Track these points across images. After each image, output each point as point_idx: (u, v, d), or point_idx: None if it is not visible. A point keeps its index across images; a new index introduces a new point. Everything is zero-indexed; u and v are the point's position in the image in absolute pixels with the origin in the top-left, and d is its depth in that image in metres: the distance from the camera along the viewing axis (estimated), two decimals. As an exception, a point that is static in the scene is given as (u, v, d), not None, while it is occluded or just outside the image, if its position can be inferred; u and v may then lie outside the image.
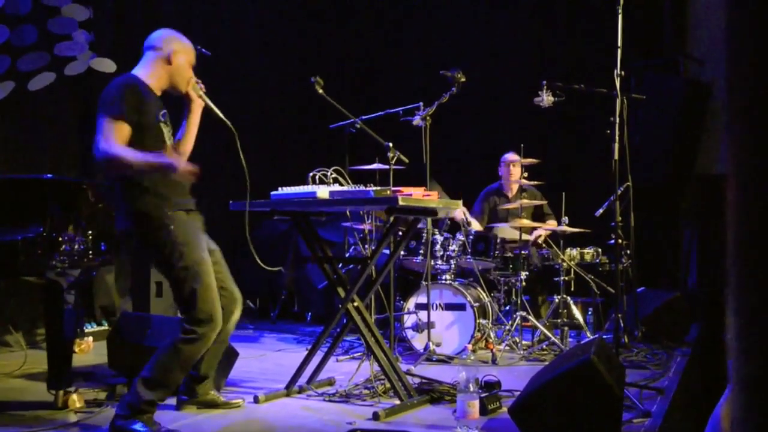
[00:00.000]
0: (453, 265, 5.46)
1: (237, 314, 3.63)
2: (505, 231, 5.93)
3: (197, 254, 3.29)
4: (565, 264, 5.53)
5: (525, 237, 5.75)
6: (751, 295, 0.72)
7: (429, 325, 5.06)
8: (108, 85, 3.39)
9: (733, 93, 0.75)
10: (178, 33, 3.61)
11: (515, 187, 6.27)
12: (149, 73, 3.48)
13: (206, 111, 3.60)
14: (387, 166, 4.49)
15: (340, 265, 4.43)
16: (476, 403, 3.38)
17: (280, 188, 3.87)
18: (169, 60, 3.48)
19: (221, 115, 3.52)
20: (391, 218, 3.99)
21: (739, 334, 0.72)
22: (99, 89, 6.23)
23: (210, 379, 3.72)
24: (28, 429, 3.29)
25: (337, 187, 3.84)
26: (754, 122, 0.74)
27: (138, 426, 3.15)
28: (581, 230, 5.56)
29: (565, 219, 5.54)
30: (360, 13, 9.12)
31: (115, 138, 3.22)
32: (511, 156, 6.25)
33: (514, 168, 6.20)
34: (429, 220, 5.14)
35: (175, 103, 3.65)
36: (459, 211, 5.57)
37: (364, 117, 4.83)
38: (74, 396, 3.64)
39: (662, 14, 7.37)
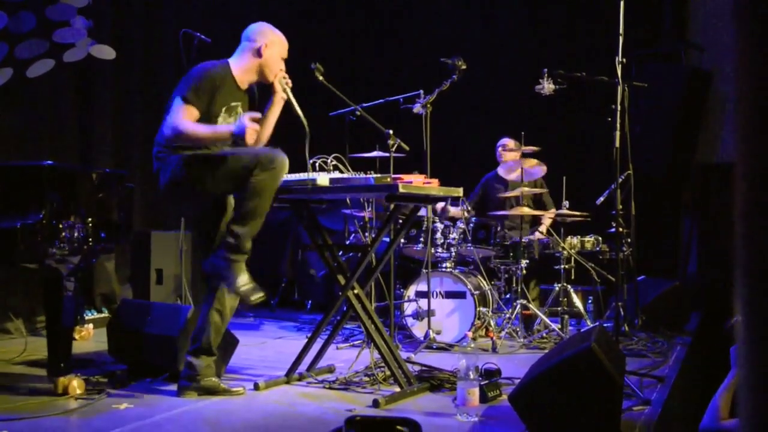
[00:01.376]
0: (453, 253, 5.45)
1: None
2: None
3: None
4: (565, 252, 5.53)
5: (527, 219, 5.72)
6: (759, 282, 0.71)
7: (429, 312, 5.07)
8: (198, 64, 3.65)
9: (742, 81, 0.74)
10: (272, 27, 3.80)
11: (513, 174, 6.25)
12: (240, 64, 3.72)
13: (286, 106, 3.82)
14: (387, 154, 4.48)
15: (341, 253, 4.42)
16: (476, 390, 3.38)
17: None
18: (260, 52, 3.69)
19: (300, 112, 3.74)
20: (392, 206, 3.98)
21: (747, 322, 0.71)
22: (98, 76, 6.29)
23: (211, 362, 3.71)
24: (29, 416, 3.30)
25: (337, 175, 3.83)
26: (763, 111, 0.74)
27: (232, 273, 3.47)
28: (580, 214, 5.55)
29: (566, 203, 5.53)
30: (360, 0, 9.08)
31: (183, 117, 3.45)
32: (504, 140, 6.25)
33: (504, 152, 6.20)
34: (429, 207, 5.13)
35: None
36: (440, 205, 5.56)
37: (364, 104, 4.82)
38: (74, 383, 3.64)
39: (663, 2, 7.33)
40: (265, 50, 3.69)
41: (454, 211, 5.63)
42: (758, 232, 0.73)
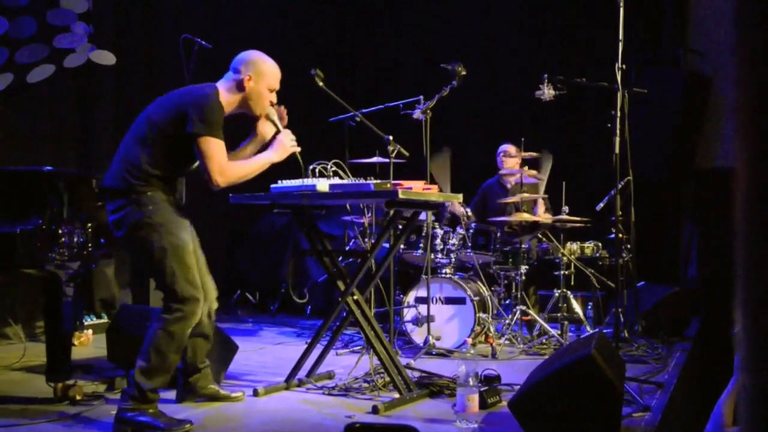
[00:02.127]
0: (453, 259, 5.45)
1: (214, 307, 3.63)
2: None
3: (179, 237, 3.30)
4: (565, 258, 5.53)
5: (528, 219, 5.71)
6: (760, 287, 0.71)
7: (429, 318, 5.06)
8: (199, 94, 3.36)
9: (743, 88, 0.74)
10: (263, 56, 3.57)
11: (513, 180, 6.26)
12: (224, 95, 3.42)
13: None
14: (387, 160, 4.48)
15: (340, 259, 4.42)
16: (476, 396, 3.37)
17: (279, 181, 3.86)
18: (243, 85, 3.45)
19: (299, 157, 3.65)
20: (391, 212, 3.98)
21: (747, 328, 0.71)
22: (98, 81, 6.28)
23: (208, 371, 3.71)
24: (27, 421, 3.29)
25: (337, 180, 3.83)
26: (764, 118, 0.74)
27: (145, 418, 3.17)
28: (580, 219, 5.55)
29: (565, 208, 5.52)
30: (360, 6, 9.10)
31: (223, 157, 3.28)
32: (504, 147, 6.25)
33: (505, 158, 6.20)
34: (429, 213, 5.13)
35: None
36: (459, 206, 5.56)
37: (364, 110, 4.82)
38: (73, 388, 3.63)
39: (663, 7, 7.34)
40: (248, 83, 3.43)
41: (457, 207, 5.61)
42: (759, 239, 0.73)
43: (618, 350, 4.07)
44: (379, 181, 3.72)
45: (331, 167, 3.89)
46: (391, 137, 4.33)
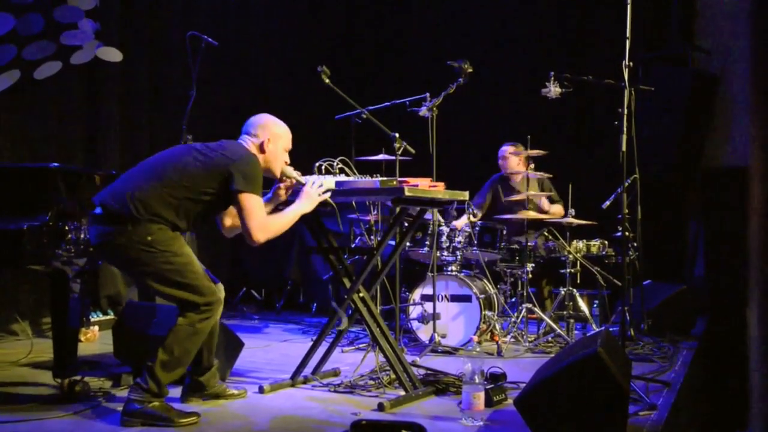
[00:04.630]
0: (459, 257, 5.45)
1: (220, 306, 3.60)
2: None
3: (185, 256, 3.36)
4: (571, 256, 5.51)
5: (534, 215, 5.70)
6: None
7: (434, 316, 5.06)
8: (245, 157, 3.44)
9: (759, 85, 0.74)
10: (275, 118, 3.67)
11: (519, 177, 6.25)
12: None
13: None
14: (393, 157, 4.47)
15: (346, 256, 4.42)
16: (481, 394, 3.37)
17: (285, 178, 3.85)
18: (263, 148, 3.55)
19: (333, 204, 3.73)
20: (397, 209, 3.98)
21: (761, 321, 0.70)
22: (105, 78, 6.29)
23: (215, 370, 3.72)
24: (34, 417, 3.30)
25: (343, 178, 3.83)
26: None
27: (154, 411, 3.22)
28: (587, 222, 5.54)
29: (572, 211, 5.51)
30: (367, 2, 9.09)
31: (263, 215, 3.41)
32: (505, 148, 6.22)
33: (507, 160, 6.19)
34: (435, 211, 5.12)
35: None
36: (461, 221, 5.55)
37: (370, 107, 4.81)
38: (80, 384, 3.64)
39: (670, 5, 7.32)
40: (268, 145, 3.55)
41: (458, 223, 5.60)
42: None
43: (624, 348, 4.06)
44: (385, 178, 3.72)
45: (338, 164, 3.89)
46: (397, 134, 4.32)
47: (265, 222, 3.39)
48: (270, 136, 3.57)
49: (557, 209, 6.03)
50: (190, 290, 3.31)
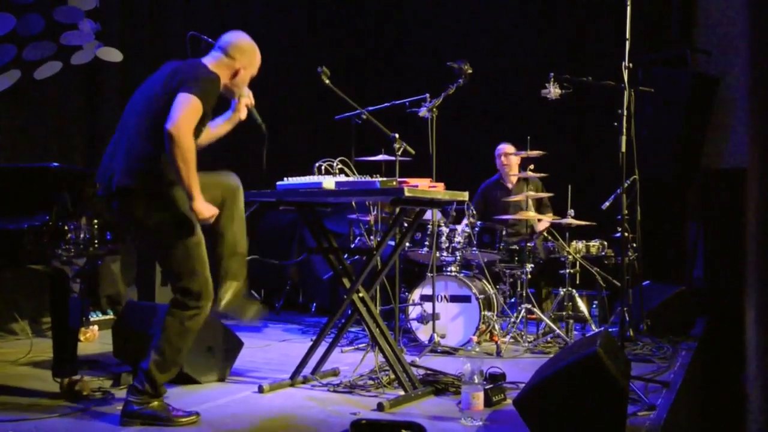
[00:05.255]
0: (458, 257, 5.45)
1: (240, 195, 3.53)
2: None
3: (197, 234, 3.28)
4: (570, 257, 5.52)
5: (532, 224, 5.70)
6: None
7: (434, 316, 5.06)
8: (192, 64, 3.31)
9: (757, 87, 0.74)
10: (252, 42, 3.50)
11: (515, 179, 6.26)
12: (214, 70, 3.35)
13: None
14: (393, 158, 4.48)
15: (346, 256, 4.42)
16: (481, 394, 3.37)
17: (285, 178, 3.86)
18: (237, 73, 3.41)
19: (260, 119, 3.60)
20: (397, 209, 3.98)
21: (758, 323, 0.71)
22: (105, 78, 6.30)
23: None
24: (34, 416, 3.31)
25: (343, 178, 3.83)
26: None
27: (153, 411, 3.21)
28: (586, 223, 5.54)
29: (571, 212, 5.52)
30: (367, 3, 9.09)
31: (191, 120, 3.10)
32: (504, 147, 6.24)
33: (507, 159, 6.20)
34: (434, 211, 5.13)
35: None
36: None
37: (370, 108, 4.82)
38: (79, 384, 3.65)
39: (670, 6, 7.33)
40: (242, 72, 3.41)
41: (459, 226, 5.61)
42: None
43: (623, 349, 4.06)
44: (385, 178, 3.73)
45: (337, 165, 3.90)
46: (397, 135, 4.32)
47: (186, 131, 3.05)
48: (246, 64, 3.42)
49: (548, 217, 6.03)
50: (191, 277, 3.25)
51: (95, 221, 3.74)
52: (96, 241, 3.74)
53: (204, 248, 3.32)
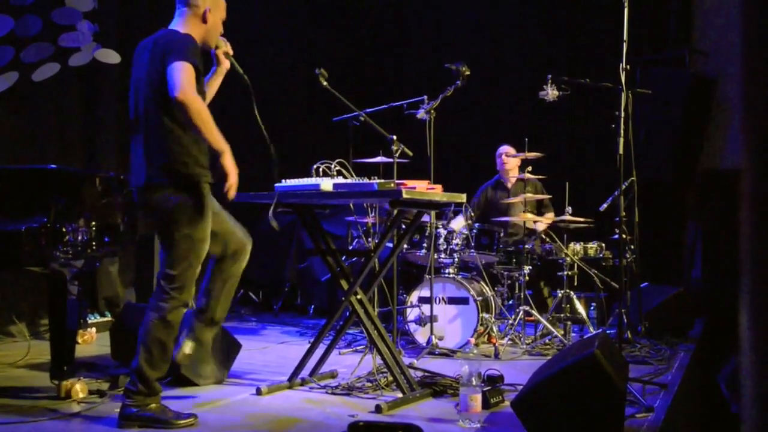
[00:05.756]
0: (456, 259, 5.45)
1: (246, 256, 3.59)
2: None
3: (205, 232, 3.31)
4: (568, 259, 5.52)
5: (529, 226, 5.70)
6: (765, 287, 0.70)
7: (432, 318, 5.06)
8: (164, 36, 3.35)
9: (749, 88, 0.74)
10: None
11: (514, 180, 6.27)
12: (187, 32, 3.39)
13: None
14: (391, 159, 4.48)
15: (344, 258, 4.42)
16: (479, 396, 3.37)
17: (283, 180, 3.86)
18: (205, 18, 3.43)
19: (243, 73, 3.60)
20: (395, 211, 3.98)
21: (752, 329, 0.71)
22: (103, 80, 6.29)
23: (215, 328, 3.62)
24: (31, 419, 3.30)
25: (340, 180, 3.83)
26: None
27: (150, 413, 3.21)
28: (583, 220, 5.54)
29: (569, 209, 5.52)
30: (364, 5, 9.10)
31: (191, 81, 3.14)
32: (505, 148, 6.25)
33: (507, 159, 6.22)
34: (433, 213, 5.13)
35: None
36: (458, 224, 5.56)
37: (368, 110, 4.82)
38: (77, 386, 3.65)
39: (668, 7, 7.33)
40: (209, 15, 3.42)
41: (455, 225, 5.61)
42: (763, 241, 0.73)
43: (621, 351, 4.06)
44: (382, 180, 3.73)
45: (335, 167, 3.90)
46: (395, 137, 4.33)
47: (192, 92, 3.11)
48: (210, 5, 3.43)
49: (548, 217, 6.04)
50: (183, 266, 3.27)
51: (93, 223, 3.73)
52: (94, 243, 3.74)
53: (206, 247, 3.34)
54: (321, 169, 3.88)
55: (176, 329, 3.33)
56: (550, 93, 5.22)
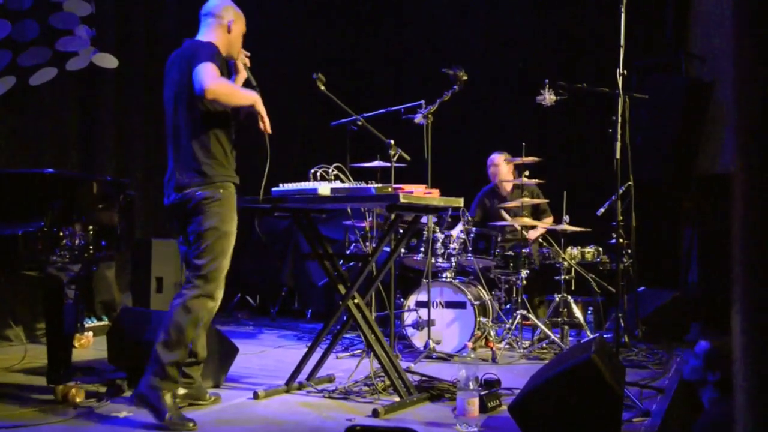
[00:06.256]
0: (454, 263, 5.45)
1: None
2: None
3: (231, 226, 3.51)
4: (565, 263, 5.53)
5: (525, 234, 5.72)
6: (757, 292, 0.71)
7: (429, 322, 5.06)
8: (191, 47, 3.52)
9: (741, 94, 0.75)
10: (233, 1, 3.73)
11: (509, 186, 6.28)
12: (212, 40, 3.56)
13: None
14: (388, 164, 4.48)
15: (341, 262, 4.42)
16: (476, 400, 3.37)
17: (281, 184, 3.87)
18: (229, 29, 3.61)
19: (255, 82, 3.75)
20: (392, 216, 3.99)
21: (744, 332, 0.71)
22: (100, 84, 6.29)
23: (201, 366, 3.72)
24: (28, 423, 3.29)
25: (338, 184, 3.83)
26: (763, 118, 0.74)
27: (157, 403, 3.27)
28: (581, 229, 5.55)
29: (566, 218, 5.53)
30: (362, 10, 9.12)
31: (215, 76, 3.31)
32: (494, 158, 6.27)
33: (496, 168, 6.23)
34: (430, 217, 5.13)
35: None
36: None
37: (365, 114, 4.82)
38: (74, 390, 3.64)
39: (664, 13, 7.36)
40: (234, 26, 3.62)
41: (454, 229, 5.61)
42: (757, 246, 0.73)
43: (618, 355, 4.07)
44: (380, 185, 3.73)
45: (333, 171, 3.90)
46: (392, 141, 4.33)
47: (215, 77, 3.29)
48: (234, 17, 3.64)
49: (546, 222, 6.04)
50: (210, 257, 3.45)
51: (90, 227, 3.73)
52: (91, 247, 3.74)
53: (232, 242, 3.54)
54: (319, 174, 3.89)
55: (197, 318, 3.41)
56: (548, 98, 5.23)
